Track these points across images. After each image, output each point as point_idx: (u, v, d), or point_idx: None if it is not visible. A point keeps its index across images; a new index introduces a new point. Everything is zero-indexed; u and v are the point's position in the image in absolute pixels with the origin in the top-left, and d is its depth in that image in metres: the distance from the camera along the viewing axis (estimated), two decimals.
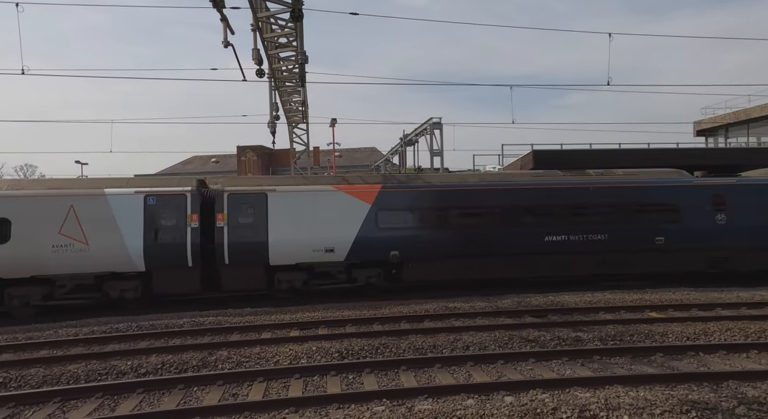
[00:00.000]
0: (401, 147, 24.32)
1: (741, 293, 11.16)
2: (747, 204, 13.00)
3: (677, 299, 10.79)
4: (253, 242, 11.44)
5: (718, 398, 5.58)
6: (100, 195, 10.97)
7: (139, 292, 11.26)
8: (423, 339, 8.26)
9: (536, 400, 5.64)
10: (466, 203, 12.49)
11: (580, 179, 13.20)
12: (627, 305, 10.21)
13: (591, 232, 12.59)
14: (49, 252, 10.58)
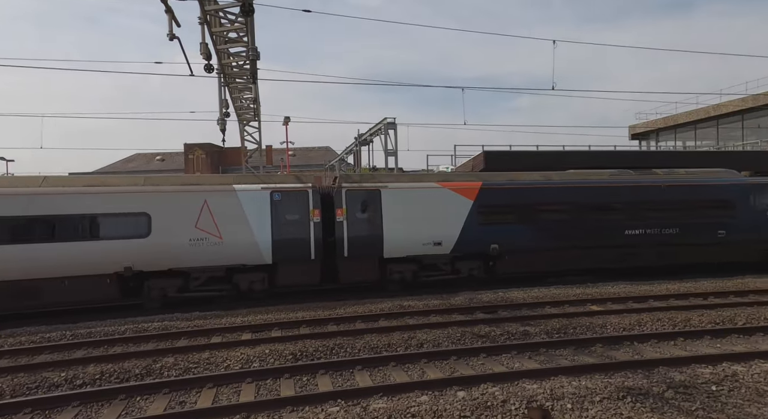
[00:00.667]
0: (356, 147, 24.28)
1: (669, 286, 12.06)
2: None
3: (615, 292, 11.49)
4: (369, 235, 12.07)
5: (650, 383, 6.00)
6: (231, 191, 11.33)
7: (266, 284, 11.71)
8: (378, 338, 8.28)
9: (487, 394, 5.82)
10: (556, 199, 13.36)
11: (651, 177, 14.12)
12: (570, 300, 10.75)
13: (664, 226, 13.61)
14: (186, 245, 10.93)
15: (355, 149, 24.81)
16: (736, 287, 11.62)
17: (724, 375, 6.26)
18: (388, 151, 18.89)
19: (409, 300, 11.16)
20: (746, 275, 13.28)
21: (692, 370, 6.47)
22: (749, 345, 7.56)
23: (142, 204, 10.80)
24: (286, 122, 23.38)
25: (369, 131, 22.00)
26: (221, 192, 11.32)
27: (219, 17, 11.69)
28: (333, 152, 44.01)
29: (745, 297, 10.77)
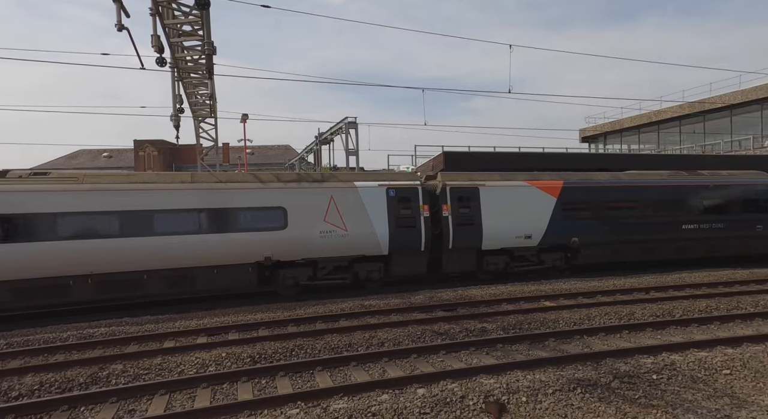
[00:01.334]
0: (316, 145, 24.05)
1: (615, 281, 12.76)
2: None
3: (566, 288, 12.02)
4: (470, 229, 13.08)
5: (598, 375, 6.32)
6: (353, 188, 12.21)
7: (381, 273, 12.61)
8: (339, 338, 8.25)
9: (446, 390, 5.92)
10: (626, 197, 14.59)
11: (700, 178, 15.64)
12: (526, 296, 11.14)
13: (713, 222, 15.14)
14: (317, 237, 11.78)
15: (315, 148, 24.56)
16: (674, 282, 12.44)
17: (664, 364, 6.69)
18: (349, 150, 18.85)
19: (370, 300, 11.18)
20: (683, 271, 14.27)
21: (636, 361, 6.87)
22: (685, 336, 8.13)
23: (279, 200, 11.70)
24: (243, 120, 22.80)
25: (330, 130, 21.86)
26: (345, 189, 12.22)
27: (172, 9, 11.22)
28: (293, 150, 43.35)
29: (682, 291, 11.56)
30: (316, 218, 11.81)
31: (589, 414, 5.34)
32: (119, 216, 10.47)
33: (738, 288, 11.71)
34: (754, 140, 29.15)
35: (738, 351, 7.16)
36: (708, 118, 31.86)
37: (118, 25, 9.29)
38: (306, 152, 27.99)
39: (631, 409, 5.42)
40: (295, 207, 11.69)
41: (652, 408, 5.42)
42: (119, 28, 9.32)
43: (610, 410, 5.42)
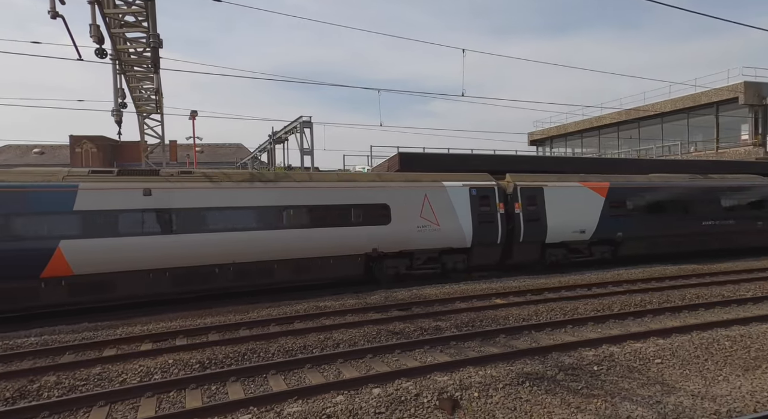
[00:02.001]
0: (270, 145, 23.53)
1: (561, 279, 13.43)
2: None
3: (516, 286, 12.50)
4: (537, 225, 14.53)
5: (545, 368, 6.62)
6: (442, 187, 13.54)
7: (464, 264, 13.90)
8: (293, 340, 8.12)
9: (401, 389, 5.98)
10: (660, 196, 16.54)
11: (715, 181, 17.92)
12: (478, 294, 11.47)
13: (726, 218, 17.35)
14: (415, 231, 13.06)
15: (269, 147, 24.02)
16: (613, 279, 13.26)
17: (604, 356, 7.12)
18: (303, 150, 18.58)
19: (325, 301, 11.09)
20: (619, 268, 15.24)
21: (579, 353, 7.26)
22: (623, 328, 8.69)
23: (384, 197, 12.95)
24: (193, 117, 21.91)
25: (284, 129, 21.44)
26: (436, 188, 13.55)
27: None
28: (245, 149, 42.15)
29: (619, 287, 12.34)
30: (413, 214, 13.19)
31: (536, 407, 5.58)
32: (258, 211, 11.65)
33: (668, 283, 12.66)
34: (682, 146, 31.67)
35: (668, 341, 7.74)
36: (642, 124, 34.24)
37: (52, 12, 8.64)
38: (259, 151, 27.31)
39: (575, 400, 5.72)
40: (397, 204, 13.05)
41: (593, 398, 5.75)
42: (53, 15, 8.67)
43: (555, 401, 5.69)
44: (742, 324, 8.62)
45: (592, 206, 15.32)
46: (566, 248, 15.24)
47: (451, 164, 16.30)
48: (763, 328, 8.32)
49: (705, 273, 13.92)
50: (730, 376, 6.41)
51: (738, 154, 28.23)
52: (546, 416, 5.36)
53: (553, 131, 42.30)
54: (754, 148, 28.02)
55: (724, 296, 11.01)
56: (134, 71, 14.47)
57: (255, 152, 28.65)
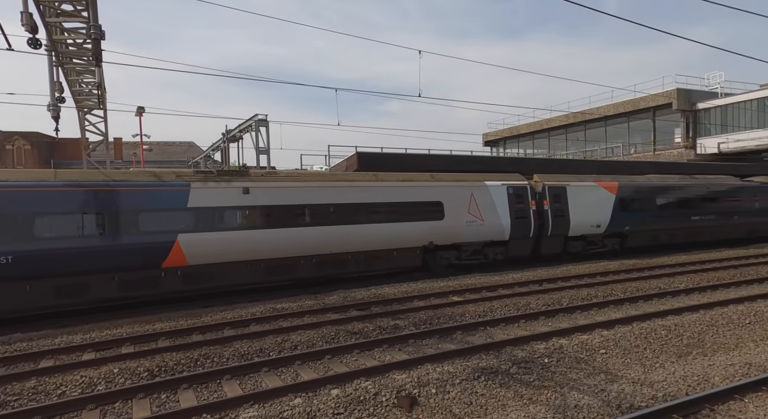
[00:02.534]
0: (224, 143, 22.81)
1: (514, 275, 13.91)
2: None
3: (472, 283, 12.82)
4: (562, 220, 16.17)
5: (499, 362, 6.84)
6: (485, 186, 14.93)
7: (503, 255, 15.32)
8: (249, 344, 7.92)
9: (360, 388, 5.99)
10: (659, 195, 18.53)
11: (701, 181, 20.23)
12: (435, 293, 11.66)
13: (709, 213, 19.55)
14: (464, 226, 14.41)
15: (222, 146, 23.28)
16: (563, 274, 13.90)
17: (554, 348, 7.45)
18: (259, 149, 18.15)
19: (282, 302, 10.90)
20: (568, 264, 16.00)
21: (531, 347, 7.56)
22: (571, 321, 9.12)
23: (439, 195, 14.19)
24: (140, 113, 20.84)
25: (238, 128, 20.86)
26: (480, 187, 14.94)
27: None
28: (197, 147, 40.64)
29: (568, 282, 12.95)
30: (462, 210, 14.49)
31: (491, 400, 5.75)
32: (336, 208, 12.69)
33: (611, 278, 13.42)
34: (623, 148, 33.69)
35: (611, 332, 8.22)
36: (588, 127, 36.11)
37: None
38: (212, 149, 26.40)
39: (527, 391, 5.95)
40: (449, 202, 14.31)
41: (543, 389, 6.00)
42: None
43: (509, 394, 5.89)
44: (676, 314, 9.29)
45: (606, 203, 17.16)
46: (584, 241, 17.00)
47: (408, 164, 16.48)
48: (694, 317, 9.00)
49: (644, 267, 14.87)
50: (666, 363, 6.89)
51: (672, 156, 30.40)
52: (500, 409, 5.53)
53: (506, 133, 43.74)
54: (686, 150, 30.28)
55: (661, 288, 11.81)
56: (73, 64, 13.57)
57: (208, 151, 27.69)
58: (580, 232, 16.65)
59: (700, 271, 14.10)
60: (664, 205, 18.58)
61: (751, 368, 6.50)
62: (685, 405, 5.23)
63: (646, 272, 14.12)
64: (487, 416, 5.35)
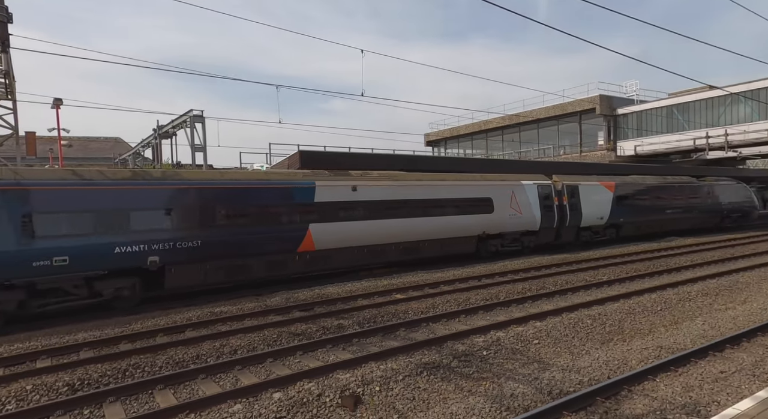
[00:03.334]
0: (155, 139, 21.47)
1: (455, 272, 14.36)
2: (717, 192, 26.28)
3: (415, 281, 13.06)
4: (576, 213, 19.37)
5: (441, 357, 7.03)
6: (521, 185, 17.64)
7: (535, 243, 18.15)
8: (184, 350, 7.53)
9: (303, 390, 5.89)
10: (644, 192, 22.40)
11: (675, 180, 24.60)
12: (379, 291, 11.75)
13: (677, 208, 23.90)
14: (507, 218, 17.16)
15: (154, 142, 21.90)
16: (500, 270, 14.55)
17: (491, 341, 7.78)
18: (195, 146, 17.28)
19: (221, 306, 10.47)
20: (505, 259, 16.79)
21: (470, 340, 7.84)
22: (507, 315, 9.58)
23: (489, 192, 16.79)
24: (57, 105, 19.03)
25: (171, 123, 19.72)
26: (518, 185, 17.68)
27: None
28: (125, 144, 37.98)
29: (505, 277, 13.58)
30: (506, 205, 17.10)
31: (433, 394, 5.90)
32: (415, 204, 15.03)
33: (544, 272, 14.26)
34: (554, 149, 35.88)
35: (544, 323, 8.73)
36: (522, 129, 38.06)
37: None
38: (142, 146, 24.74)
39: (467, 384, 6.16)
40: (496, 198, 16.89)
41: (482, 381, 6.25)
42: None
43: (450, 387, 6.07)
44: (599, 304, 10.06)
45: (606, 199, 20.67)
46: (591, 231, 20.45)
47: (352, 163, 16.44)
48: (615, 306, 9.80)
49: (573, 262, 15.94)
50: (591, 350, 7.44)
51: (596, 157, 32.83)
52: (441, 402, 5.69)
53: (446, 133, 44.98)
54: (608, 152, 32.84)
55: (587, 280, 12.73)
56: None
57: (137, 148, 25.92)
58: (589, 223, 20.07)
59: (620, 264, 15.36)
60: (647, 201, 22.58)
61: (662, 350, 7.18)
62: (607, 387, 5.67)
63: (574, 266, 15.14)
64: (430, 410, 5.48)
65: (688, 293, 10.94)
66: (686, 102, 29.88)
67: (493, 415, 5.24)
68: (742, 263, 14.86)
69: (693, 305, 9.99)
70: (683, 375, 6.20)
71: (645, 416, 5.11)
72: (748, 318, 8.79)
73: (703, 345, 7.10)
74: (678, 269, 14.20)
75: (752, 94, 26.19)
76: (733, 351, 7.09)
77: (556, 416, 5.10)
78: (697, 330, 8.16)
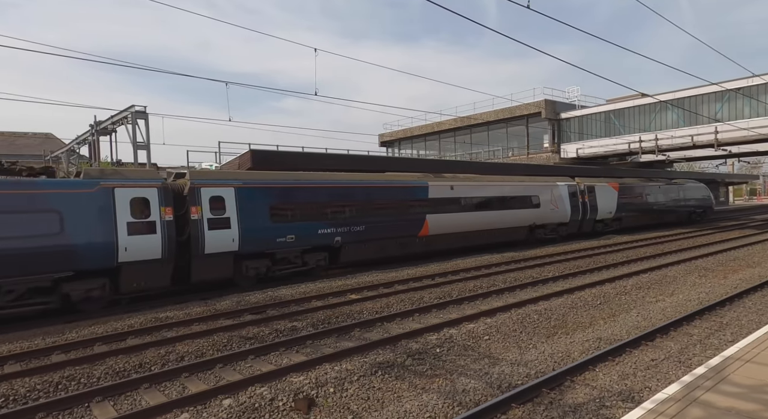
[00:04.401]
0: (92, 136, 20.11)
1: (409, 271, 14.53)
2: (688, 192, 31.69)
3: (369, 281, 13.08)
4: (593, 208, 23.65)
5: (395, 356, 7.09)
6: (557, 185, 22.18)
7: (565, 232, 22.56)
8: (126, 359, 7.11)
9: (255, 395, 5.74)
10: (639, 190, 27.15)
11: (655, 183, 29.22)
12: (334, 292, 11.66)
13: (662, 205, 28.88)
14: (549, 212, 21.37)
15: (90, 139, 20.50)
16: (452, 268, 14.88)
17: (444, 338, 7.94)
18: (137, 144, 16.35)
19: (166, 311, 9.99)
20: (457, 258, 17.21)
21: (424, 339, 7.96)
22: (459, 312, 9.81)
23: (536, 191, 20.89)
24: None
25: (111, 119, 18.55)
26: (555, 185, 21.91)
27: None
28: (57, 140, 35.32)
29: (458, 275, 13.91)
30: (548, 201, 21.22)
31: (387, 393, 5.94)
32: (488, 200, 18.86)
33: (494, 270, 14.74)
34: (503, 151, 37.20)
35: (494, 319, 9.03)
36: (474, 131, 39.13)
37: None
38: (77, 143, 23.08)
39: (420, 381, 6.25)
40: (542, 195, 20.99)
41: (435, 378, 6.37)
42: None
43: (404, 385, 6.13)
44: (545, 299, 10.54)
45: (613, 197, 25.16)
46: (603, 223, 24.73)
47: (305, 163, 16.22)
48: (559, 301, 10.31)
49: (521, 259, 16.60)
50: (538, 344, 7.78)
51: (542, 159, 34.37)
52: (396, 401, 5.74)
53: (400, 134, 45.40)
54: (552, 154, 34.48)
55: (534, 277, 13.30)
56: None
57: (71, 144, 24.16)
58: (602, 217, 24.46)
59: (564, 261, 16.17)
60: (640, 198, 27.30)
61: (601, 342, 7.64)
62: (552, 379, 5.96)
63: (522, 264, 15.77)
64: (384, 409, 5.50)
65: (624, 287, 11.70)
66: (622, 108, 31.93)
67: (445, 411, 5.34)
68: (671, 259, 16.11)
69: (628, 298, 10.70)
70: (619, 364, 6.62)
71: (586, 404, 5.41)
72: (676, 309, 9.54)
73: (636, 335, 7.62)
74: (615, 265, 15.16)
75: (678, 103, 28.43)
76: (663, 339, 7.66)
77: (504, 409, 5.29)
78: (632, 322, 8.75)
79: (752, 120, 25.56)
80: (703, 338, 7.71)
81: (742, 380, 5.03)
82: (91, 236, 10.02)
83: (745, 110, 26.13)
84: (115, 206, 10.40)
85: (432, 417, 5.22)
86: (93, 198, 10.19)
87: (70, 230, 9.84)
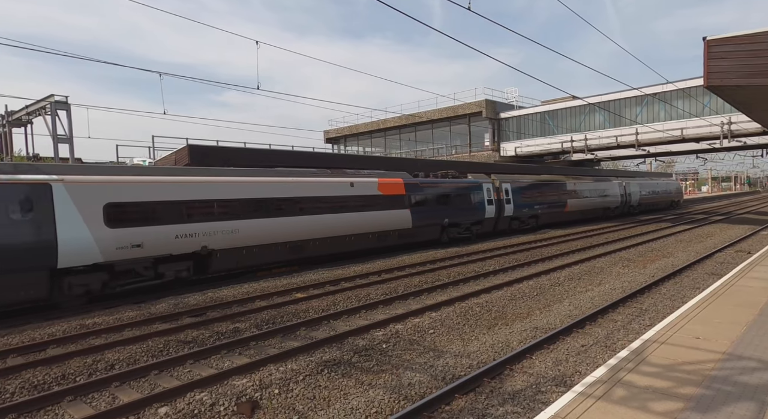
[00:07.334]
0: (4, 128, 18.18)
1: (355, 268, 14.53)
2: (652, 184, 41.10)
3: (315, 279, 12.93)
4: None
5: (341, 354, 7.06)
6: (562, 182, 28.37)
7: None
8: (46, 371, 6.52)
9: (194, 402, 5.48)
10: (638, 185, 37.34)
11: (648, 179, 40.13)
12: (278, 291, 11.39)
13: (653, 195, 39.30)
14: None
15: (2, 131, 18.53)
16: (398, 264, 15.07)
17: (391, 334, 8.03)
18: (58, 136, 14.99)
19: (93, 317, 9.28)
20: (404, 255, 17.45)
21: (371, 335, 7.99)
22: (405, 307, 9.96)
23: (570, 186, 28.50)
24: None
25: (26, 109, 16.86)
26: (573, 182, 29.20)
27: None
28: None
29: (404, 271, 14.11)
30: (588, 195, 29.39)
31: (334, 391, 5.90)
32: None
33: (439, 265, 15.10)
34: (446, 149, 38.15)
35: (438, 313, 9.25)
36: (418, 129, 39.79)
37: None
38: None
39: (367, 377, 6.27)
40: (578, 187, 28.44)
41: (382, 373, 6.42)
42: None
43: (350, 382, 6.12)
44: (486, 292, 10.96)
45: (617, 190, 32.91)
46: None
47: (246, 159, 15.69)
48: (500, 294, 10.76)
49: (464, 254, 17.14)
50: (480, 335, 8.07)
51: (483, 157, 35.65)
52: (342, 398, 5.71)
53: (346, 131, 45.21)
54: (492, 152, 35.88)
55: (476, 271, 13.78)
56: None
57: None
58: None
59: (503, 255, 16.91)
60: (643, 191, 35.62)
61: (537, 331, 8.07)
62: (492, 369, 6.21)
63: (465, 258, 16.28)
64: (330, 407, 5.46)
65: (557, 278, 12.44)
66: (555, 110, 33.86)
67: (391, 406, 5.40)
68: (598, 251, 17.35)
69: (561, 289, 11.39)
70: (554, 352, 7.04)
71: (523, 391, 5.69)
72: (603, 298, 10.29)
73: (569, 323, 8.13)
74: (550, 257, 16.08)
75: (605, 105, 30.63)
76: (591, 326, 8.24)
77: (448, 400, 5.44)
78: (565, 311, 9.33)
79: (666, 123, 28.12)
80: (626, 323, 8.38)
81: (659, 360, 5.52)
82: None
83: (661, 113, 28.67)
84: None
85: (378, 412, 5.26)
86: None
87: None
